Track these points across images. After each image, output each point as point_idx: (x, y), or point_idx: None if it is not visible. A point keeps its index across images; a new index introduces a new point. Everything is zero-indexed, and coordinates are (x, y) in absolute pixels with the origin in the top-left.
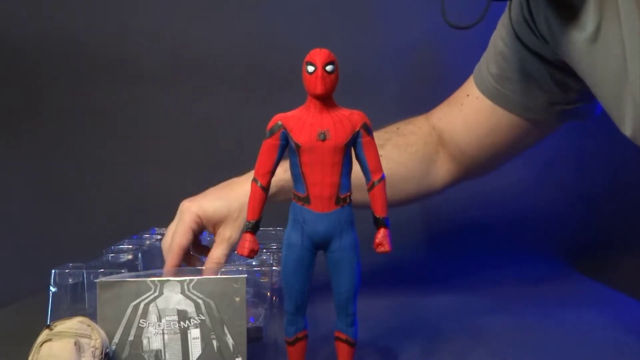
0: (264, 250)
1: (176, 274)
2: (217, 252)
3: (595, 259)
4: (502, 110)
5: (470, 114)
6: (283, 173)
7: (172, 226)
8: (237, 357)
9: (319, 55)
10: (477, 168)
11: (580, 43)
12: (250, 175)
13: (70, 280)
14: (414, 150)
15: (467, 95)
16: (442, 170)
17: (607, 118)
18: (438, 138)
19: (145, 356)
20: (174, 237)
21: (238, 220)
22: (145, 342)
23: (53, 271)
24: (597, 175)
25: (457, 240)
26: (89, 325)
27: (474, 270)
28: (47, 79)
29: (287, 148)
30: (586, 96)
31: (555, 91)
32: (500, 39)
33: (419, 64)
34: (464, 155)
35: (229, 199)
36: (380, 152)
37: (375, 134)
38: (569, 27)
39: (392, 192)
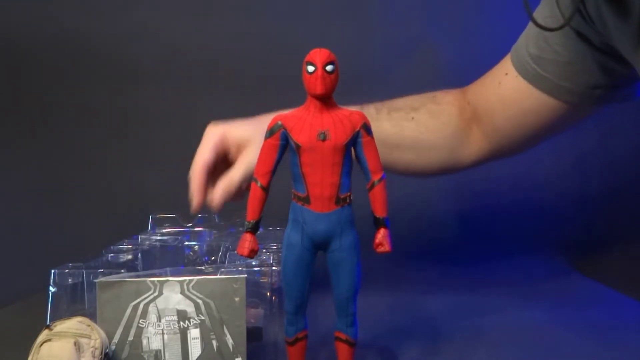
0: (264, 250)
1: (176, 274)
2: (236, 172)
3: (595, 259)
4: (540, 92)
5: (507, 93)
6: None
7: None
8: (237, 357)
9: (319, 55)
10: (509, 148)
11: (633, 28)
12: (275, 112)
13: (69, 280)
14: (447, 121)
15: (506, 74)
16: (473, 147)
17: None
18: (473, 114)
19: (145, 356)
20: (197, 154)
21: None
22: (144, 342)
23: (53, 271)
24: (597, 175)
25: (457, 240)
26: (88, 325)
27: (474, 270)
28: (47, 79)
29: (287, 148)
30: (630, 79)
31: (598, 75)
32: (542, 19)
33: (419, 64)
34: (498, 133)
35: (254, 124)
36: (413, 114)
37: (411, 98)
38: (620, 12)
39: (418, 157)
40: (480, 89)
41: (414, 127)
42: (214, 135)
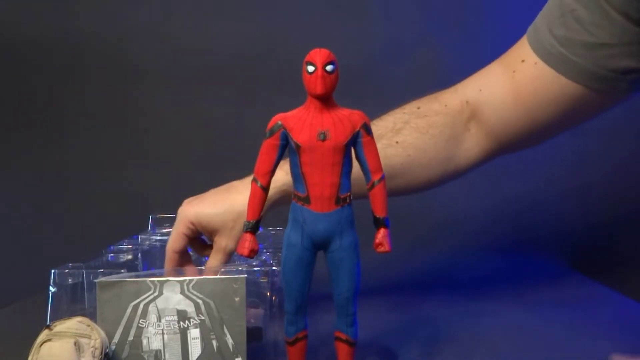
0: (264, 250)
1: (176, 274)
2: (214, 261)
3: (595, 259)
4: (565, 79)
5: (524, 83)
6: (285, 176)
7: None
8: (237, 357)
9: (319, 55)
10: (516, 144)
11: None
12: (249, 180)
13: (70, 280)
14: (437, 132)
15: (522, 61)
16: (471, 150)
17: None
18: (472, 113)
19: (145, 356)
20: (169, 239)
21: (234, 229)
22: (144, 342)
23: (53, 271)
24: (597, 175)
25: (457, 240)
26: (88, 325)
27: (474, 270)
28: (47, 78)
29: (287, 148)
30: None
31: (635, 57)
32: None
33: (419, 64)
34: (506, 129)
35: (224, 208)
36: (397, 138)
37: (392, 115)
38: None
39: (412, 179)
40: (485, 82)
41: (401, 151)
42: (182, 226)
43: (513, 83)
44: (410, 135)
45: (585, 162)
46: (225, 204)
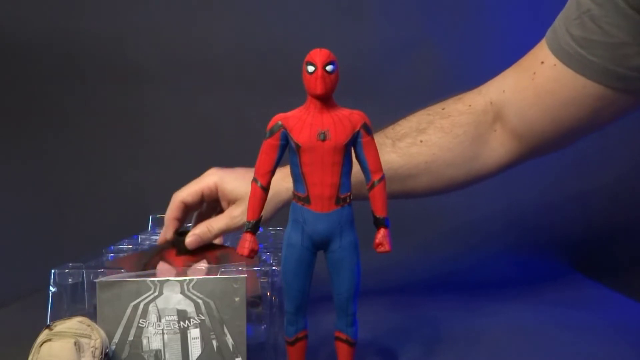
0: (264, 250)
1: (176, 274)
2: (217, 223)
3: (595, 259)
4: (585, 79)
5: (544, 84)
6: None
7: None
8: (237, 357)
9: (319, 55)
10: (543, 146)
11: None
12: (285, 170)
13: (70, 280)
14: (462, 132)
15: (542, 63)
16: (498, 151)
17: None
18: (496, 114)
19: (145, 356)
20: (183, 188)
21: None
22: (145, 342)
23: (53, 271)
24: (597, 175)
25: (457, 240)
26: (88, 325)
27: (474, 270)
28: (47, 78)
29: (287, 148)
30: None
31: None
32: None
33: (419, 64)
34: (531, 131)
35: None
36: (421, 137)
37: (417, 116)
38: None
39: (437, 179)
40: (507, 83)
41: (425, 150)
42: (206, 181)
43: (533, 84)
44: (435, 134)
45: (587, 164)
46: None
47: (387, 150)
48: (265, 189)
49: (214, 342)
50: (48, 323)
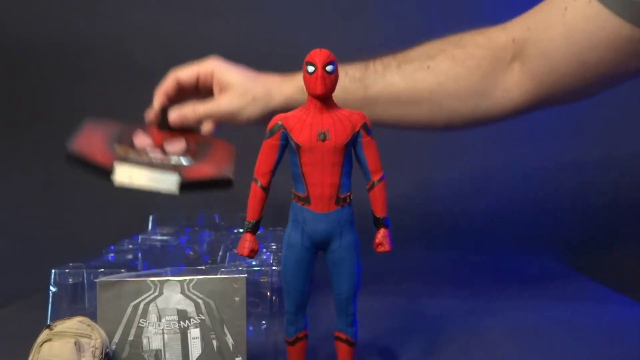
0: (264, 250)
1: (176, 274)
2: (202, 106)
3: (595, 259)
4: (621, 20)
5: (575, 22)
6: (295, 91)
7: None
8: (237, 357)
9: (319, 55)
10: (562, 93)
11: None
12: (287, 77)
13: (70, 280)
14: (474, 65)
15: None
16: (512, 92)
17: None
18: (517, 52)
19: (145, 356)
20: (179, 68)
21: (243, 97)
22: (145, 341)
23: (53, 271)
24: (597, 176)
25: (457, 240)
26: (89, 325)
27: (474, 270)
28: (47, 78)
29: (287, 148)
30: None
31: None
32: None
33: None
34: (555, 74)
35: (252, 76)
36: (430, 62)
37: (429, 45)
38: None
39: (439, 110)
40: (534, 20)
41: (431, 77)
42: (205, 65)
43: (563, 21)
44: (444, 62)
45: (585, 161)
46: (254, 74)
47: (391, 71)
48: (266, 189)
49: (214, 342)
50: (48, 323)
